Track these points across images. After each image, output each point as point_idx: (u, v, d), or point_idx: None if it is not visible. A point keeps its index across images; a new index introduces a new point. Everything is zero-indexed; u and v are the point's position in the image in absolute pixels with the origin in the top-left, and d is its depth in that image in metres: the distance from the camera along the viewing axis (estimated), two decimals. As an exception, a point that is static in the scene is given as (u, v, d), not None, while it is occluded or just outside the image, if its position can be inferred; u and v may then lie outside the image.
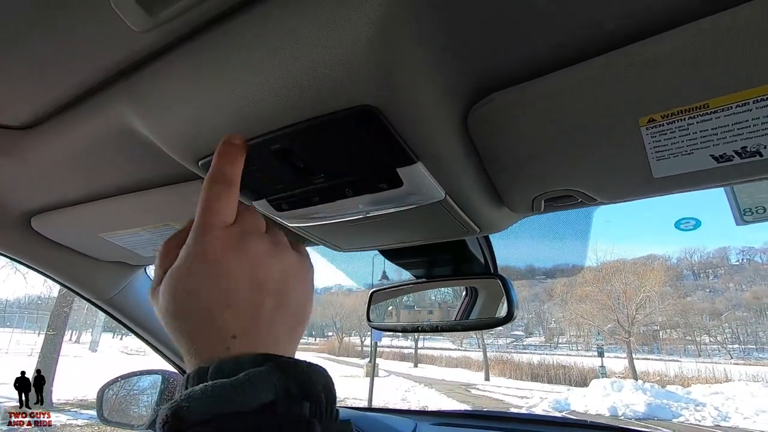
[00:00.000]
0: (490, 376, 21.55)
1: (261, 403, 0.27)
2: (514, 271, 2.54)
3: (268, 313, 0.34)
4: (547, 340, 39.23)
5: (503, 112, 0.44)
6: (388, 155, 0.47)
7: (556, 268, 2.63)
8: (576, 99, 0.41)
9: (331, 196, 0.56)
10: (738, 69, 0.35)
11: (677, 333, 31.71)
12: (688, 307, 32.77)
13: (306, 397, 0.29)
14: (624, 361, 22.65)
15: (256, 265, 0.34)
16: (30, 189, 0.73)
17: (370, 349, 18.67)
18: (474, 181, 0.56)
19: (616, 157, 0.49)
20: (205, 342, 0.32)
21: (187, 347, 0.32)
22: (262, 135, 0.47)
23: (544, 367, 22.07)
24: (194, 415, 0.26)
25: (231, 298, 0.32)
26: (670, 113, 0.40)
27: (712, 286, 39.02)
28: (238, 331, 0.32)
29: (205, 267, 0.33)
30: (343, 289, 48.67)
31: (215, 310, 0.32)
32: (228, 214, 0.35)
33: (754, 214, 0.60)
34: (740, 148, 0.43)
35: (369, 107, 0.40)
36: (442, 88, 0.42)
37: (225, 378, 0.28)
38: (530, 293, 41.77)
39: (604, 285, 27.09)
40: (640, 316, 25.38)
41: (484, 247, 0.88)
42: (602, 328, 26.48)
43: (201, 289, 0.32)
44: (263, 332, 0.33)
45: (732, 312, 34.33)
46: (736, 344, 31.28)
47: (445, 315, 1.29)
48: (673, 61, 0.35)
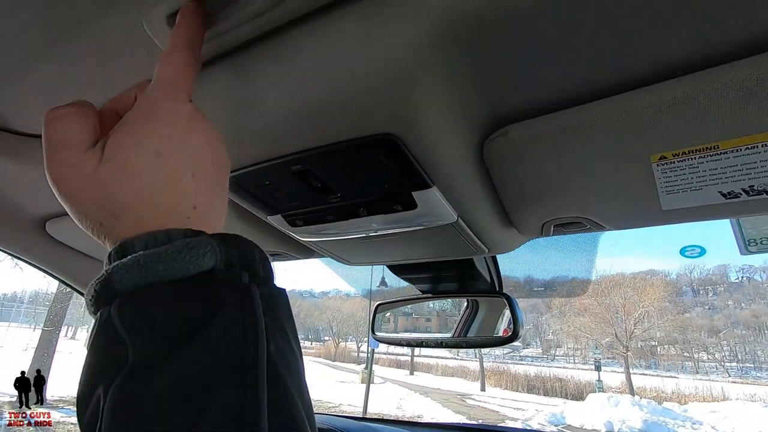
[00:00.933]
0: (486, 387, 21.40)
1: (199, 271, 0.26)
2: (515, 284, 2.53)
3: (218, 190, 0.33)
4: (544, 352, 39.01)
5: (517, 144, 0.45)
6: (404, 179, 0.48)
7: (560, 285, 2.61)
8: (589, 136, 0.42)
9: (345, 215, 0.57)
10: (748, 115, 0.36)
11: (675, 349, 31.53)
12: (686, 323, 32.60)
13: (244, 268, 0.27)
14: (621, 376, 22.49)
15: (215, 141, 0.33)
16: (46, 194, 0.74)
17: (366, 355, 18.55)
18: (486, 205, 0.58)
19: (626, 190, 0.50)
20: (160, 211, 0.29)
21: (123, 220, 0.28)
22: (283, 156, 0.48)
23: (540, 379, 21.91)
24: (126, 284, 0.24)
25: (197, 168, 0.31)
26: (681, 152, 0.42)
27: (711, 303, 38.85)
28: (198, 201, 0.30)
29: (176, 128, 0.30)
30: (341, 294, 48.55)
31: (182, 176, 0.30)
32: (191, 88, 0.33)
33: (758, 244, 0.61)
34: (748, 187, 0.44)
35: (390, 135, 0.42)
36: (461, 119, 0.43)
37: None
38: (528, 304, 41.60)
39: (602, 299, 26.97)
40: (638, 331, 25.24)
41: (491, 265, 0.89)
42: (600, 342, 26.32)
43: (172, 153, 0.29)
44: (215, 210, 0.32)
45: (731, 330, 34.16)
46: (734, 362, 31.08)
47: (443, 323, 1.29)
48: (687, 105, 0.36)
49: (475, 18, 0.32)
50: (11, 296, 45.53)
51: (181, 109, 0.31)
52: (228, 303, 0.25)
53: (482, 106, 0.43)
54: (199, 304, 0.24)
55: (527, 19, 0.32)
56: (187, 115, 0.31)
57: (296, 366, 0.26)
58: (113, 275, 0.25)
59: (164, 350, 0.23)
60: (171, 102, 0.31)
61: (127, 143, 0.29)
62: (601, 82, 0.38)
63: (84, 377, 0.24)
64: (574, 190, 0.52)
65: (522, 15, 0.32)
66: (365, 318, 30.34)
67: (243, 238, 0.29)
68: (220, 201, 0.34)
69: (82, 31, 0.39)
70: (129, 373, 0.22)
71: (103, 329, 0.24)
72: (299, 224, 0.62)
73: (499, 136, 0.45)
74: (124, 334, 0.23)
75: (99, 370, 0.23)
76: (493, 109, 0.44)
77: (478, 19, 0.32)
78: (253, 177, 0.52)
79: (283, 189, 0.54)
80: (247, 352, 0.24)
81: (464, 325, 1.12)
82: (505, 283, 1.01)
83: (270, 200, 0.58)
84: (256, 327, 0.25)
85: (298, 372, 0.26)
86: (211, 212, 0.32)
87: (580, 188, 0.52)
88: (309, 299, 55.81)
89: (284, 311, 0.28)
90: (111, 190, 0.28)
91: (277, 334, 0.26)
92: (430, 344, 0.92)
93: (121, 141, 0.29)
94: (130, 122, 0.30)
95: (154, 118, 0.30)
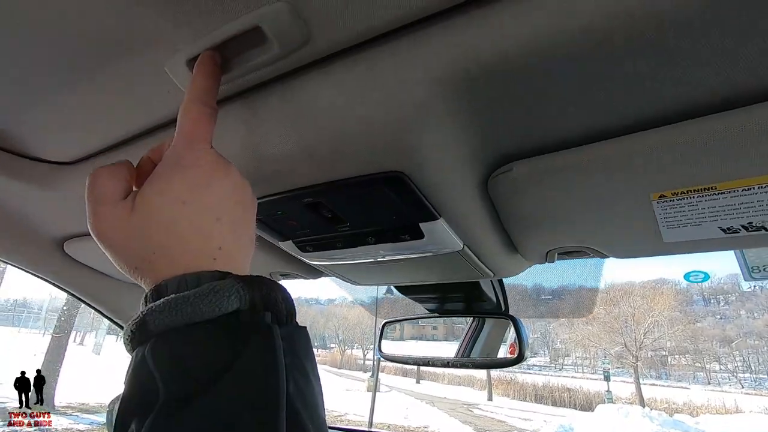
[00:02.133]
0: (494, 396, 21.15)
1: (224, 313, 0.28)
2: (522, 290, 2.51)
3: (243, 230, 0.35)
4: (552, 361, 38.50)
5: (521, 180, 0.47)
6: (412, 212, 0.50)
7: (568, 293, 2.59)
8: (590, 175, 0.44)
9: (353, 243, 0.59)
10: (746, 160, 0.38)
11: (686, 359, 30.96)
12: (697, 333, 32.02)
13: (267, 308, 0.29)
14: (631, 386, 22.11)
15: (239, 183, 0.36)
16: (67, 217, 0.76)
17: (372, 363, 18.43)
18: (491, 234, 0.59)
19: (627, 223, 0.51)
20: (188, 254, 0.32)
21: (156, 264, 0.31)
22: (295, 189, 0.50)
23: (548, 389, 21.62)
24: (158, 326, 0.27)
25: (221, 211, 0.33)
26: (680, 192, 0.43)
27: (722, 313, 38.14)
28: (222, 243, 0.33)
29: (199, 176, 0.33)
30: (347, 302, 48.36)
31: (206, 221, 0.33)
32: (210, 136, 0.36)
33: (762, 271, 0.62)
34: (746, 223, 0.45)
35: (398, 173, 0.44)
36: (466, 157, 0.45)
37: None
38: (535, 312, 41.16)
39: (611, 307, 26.62)
40: (648, 340, 24.84)
41: (497, 286, 0.90)
42: (609, 352, 25.92)
43: (195, 199, 0.32)
44: (241, 248, 0.35)
45: (743, 340, 33.47)
46: (747, 373, 30.42)
47: (449, 331, 1.30)
48: (685, 148, 0.38)
49: (477, 71, 0.33)
50: (22, 302, 45.99)
51: (202, 158, 0.34)
52: (251, 344, 0.26)
53: (487, 145, 0.45)
54: (223, 346, 0.26)
55: (528, 72, 0.33)
56: (208, 164, 0.34)
57: (313, 400, 0.28)
58: (147, 317, 0.27)
59: (191, 389, 0.24)
60: (192, 152, 0.34)
61: (154, 194, 0.32)
62: (601, 125, 0.40)
63: (119, 411, 0.26)
64: (577, 222, 0.54)
65: (523, 70, 0.33)
66: (371, 326, 30.18)
67: (267, 280, 0.31)
68: (246, 238, 0.36)
69: (108, 70, 0.41)
70: (159, 410, 0.24)
71: (138, 367, 0.26)
72: (309, 250, 0.64)
73: (504, 172, 0.47)
74: (156, 373, 0.25)
75: (133, 405, 0.25)
76: (498, 148, 0.45)
77: (480, 71, 0.33)
78: (266, 207, 0.54)
79: (295, 218, 0.56)
80: (267, 392, 0.25)
81: (468, 342, 1.13)
82: (511, 291, 1.02)
83: (281, 228, 0.60)
84: (277, 368, 0.26)
85: (315, 406, 0.28)
86: (238, 250, 0.35)
87: (582, 221, 0.53)
88: (315, 306, 55.62)
89: (304, 348, 0.30)
90: (142, 238, 0.32)
91: (296, 372, 0.28)
92: (437, 364, 0.93)
93: (148, 192, 0.33)
94: (158, 174, 0.33)
95: (178, 170, 0.33)
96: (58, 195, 0.68)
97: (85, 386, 12.13)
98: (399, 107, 0.36)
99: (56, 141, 0.56)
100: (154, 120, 0.49)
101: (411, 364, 0.98)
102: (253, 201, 0.38)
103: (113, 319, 1.13)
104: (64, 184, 0.65)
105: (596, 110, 0.38)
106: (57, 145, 0.57)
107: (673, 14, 0.27)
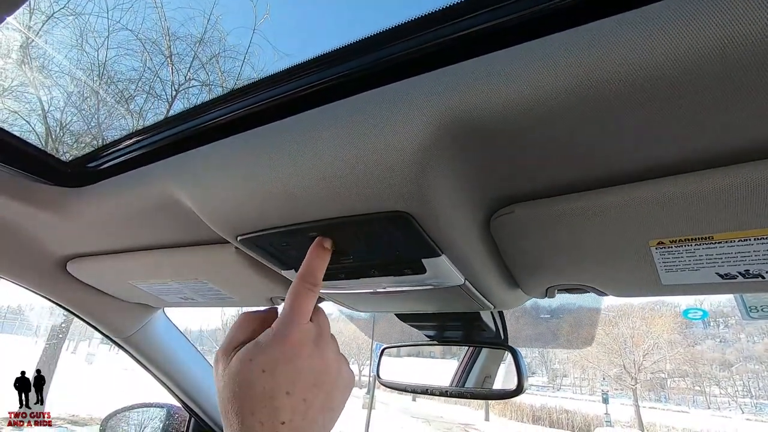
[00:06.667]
0: (490, 416, 20.82)
1: None
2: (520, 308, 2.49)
3: (316, 409, 0.38)
4: (550, 381, 38.01)
5: (522, 221, 0.48)
6: (415, 249, 0.51)
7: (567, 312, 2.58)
8: (589, 220, 0.44)
9: (356, 275, 0.59)
10: (741, 215, 0.39)
11: (686, 382, 30.58)
12: (697, 356, 31.69)
13: None
14: (630, 409, 21.79)
15: (323, 364, 0.39)
16: (70, 239, 0.77)
17: (368, 379, 18.18)
18: (492, 270, 0.60)
19: (626, 266, 0.52)
20: (255, 419, 0.35)
21: (233, 417, 0.35)
22: (301, 222, 0.51)
23: (546, 410, 21.32)
24: None
25: (293, 387, 0.37)
26: (677, 240, 0.44)
27: (722, 336, 37.82)
28: (288, 418, 0.35)
29: (283, 353, 0.37)
30: (343, 317, 47.87)
31: (277, 392, 0.36)
32: (310, 312, 0.41)
33: (760, 311, 0.63)
34: (743, 270, 0.46)
35: (401, 213, 0.45)
36: (468, 199, 0.46)
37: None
38: (534, 332, 40.80)
39: (610, 329, 26.40)
40: (647, 362, 24.58)
41: (497, 317, 0.90)
42: (608, 373, 25.62)
43: (273, 370, 0.36)
44: (306, 426, 0.37)
45: (743, 364, 33.13)
46: (747, 398, 30.02)
47: (447, 349, 1.30)
48: (683, 201, 0.39)
49: (476, 123, 0.35)
50: (16, 308, 45.53)
51: (294, 334, 0.39)
52: None
53: (489, 187, 0.46)
54: None
55: (526, 129, 0.35)
56: (297, 340, 0.38)
57: None
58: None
59: None
60: (287, 327, 0.39)
61: (245, 358, 0.37)
62: (600, 174, 0.41)
63: None
64: (577, 263, 0.54)
65: (520, 127, 0.34)
66: (368, 341, 29.83)
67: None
68: (321, 421, 0.39)
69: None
70: None
71: None
72: None
73: (506, 213, 0.48)
74: None
75: None
76: (500, 190, 0.46)
77: (479, 125, 0.35)
78: (272, 238, 0.54)
79: (299, 249, 0.57)
80: None
81: (465, 369, 1.12)
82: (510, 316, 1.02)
83: (285, 258, 0.61)
84: None
85: None
86: (303, 430, 0.37)
87: (581, 262, 0.54)
88: (312, 319, 55.03)
89: None
90: (224, 391, 0.37)
91: None
92: (435, 393, 0.92)
93: (242, 355, 0.38)
94: (256, 340, 0.39)
95: (272, 340, 0.38)
96: (62, 218, 0.68)
97: (76, 397, 11.90)
98: (398, 151, 0.37)
99: (66, 165, 0.57)
100: (158, 148, 0.51)
101: (409, 391, 0.98)
102: (347, 384, 0.42)
103: (111, 336, 1.12)
104: (67, 208, 0.66)
105: (595, 160, 0.39)
106: (59, 168, 0.58)
107: (650, 83, 0.28)
